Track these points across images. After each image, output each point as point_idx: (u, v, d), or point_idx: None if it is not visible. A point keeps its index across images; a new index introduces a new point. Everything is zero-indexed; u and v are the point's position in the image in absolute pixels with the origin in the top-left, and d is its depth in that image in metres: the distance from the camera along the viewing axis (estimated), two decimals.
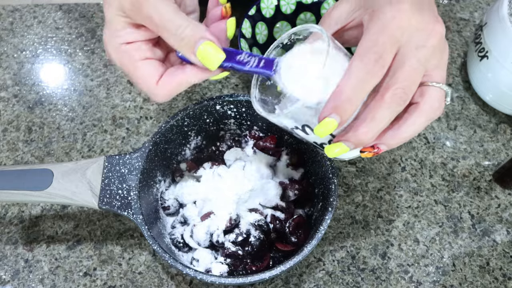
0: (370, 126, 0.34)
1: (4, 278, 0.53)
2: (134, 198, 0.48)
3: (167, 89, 0.37)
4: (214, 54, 0.35)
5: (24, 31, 0.72)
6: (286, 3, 0.65)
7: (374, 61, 0.33)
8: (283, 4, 0.65)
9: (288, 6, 0.66)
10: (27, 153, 0.61)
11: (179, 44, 0.35)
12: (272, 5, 0.64)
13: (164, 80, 0.38)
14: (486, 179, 0.59)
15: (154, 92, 0.38)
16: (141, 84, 0.38)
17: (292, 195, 0.53)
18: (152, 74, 0.37)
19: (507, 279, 0.53)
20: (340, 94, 0.33)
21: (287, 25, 0.68)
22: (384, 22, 0.34)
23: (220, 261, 0.51)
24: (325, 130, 0.34)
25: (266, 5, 0.64)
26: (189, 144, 0.57)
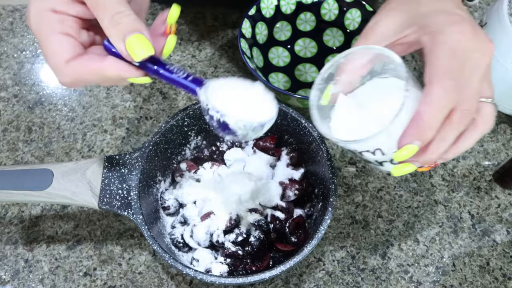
0: (439, 147, 0.35)
1: (4, 278, 0.53)
2: (134, 198, 0.48)
3: (76, 72, 0.34)
4: (143, 47, 0.33)
5: (24, 31, 0.72)
6: (286, 3, 0.65)
7: (453, 87, 0.34)
8: (283, 4, 0.65)
9: (288, 6, 0.66)
10: (27, 153, 0.61)
11: (113, 28, 0.33)
12: (272, 5, 0.64)
13: (76, 62, 0.34)
14: (486, 179, 0.59)
15: (61, 70, 0.35)
16: (50, 57, 0.34)
17: (292, 195, 0.53)
18: (66, 50, 0.34)
19: (507, 279, 0.53)
20: (422, 121, 0.34)
21: (287, 25, 0.67)
22: (452, 46, 0.35)
23: (220, 261, 0.51)
24: (406, 154, 0.35)
25: (266, 5, 0.64)
26: (189, 144, 0.57)
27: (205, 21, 0.72)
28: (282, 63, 0.68)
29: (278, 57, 0.68)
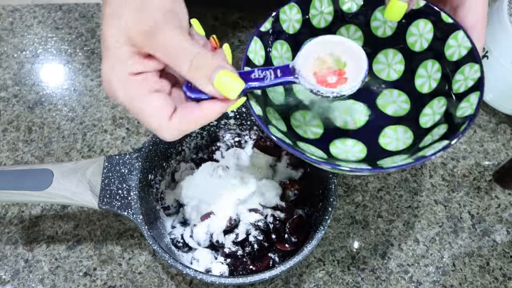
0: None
1: (4, 278, 0.53)
2: (134, 198, 0.48)
3: (182, 125, 0.34)
4: (233, 82, 0.33)
5: (24, 31, 0.72)
6: (319, 13, 0.44)
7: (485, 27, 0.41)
8: (314, 13, 0.44)
9: (322, 16, 0.44)
10: (27, 153, 0.61)
11: (194, 73, 0.33)
12: (297, 16, 0.43)
13: (179, 115, 0.34)
14: (486, 179, 0.59)
15: (168, 127, 0.34)
16: (152, 118, 0.33)
17: (292, 195, 0.53)
18: (165, 107, 0.33)
19: (507, 279, 0.53)
20: None
21: None
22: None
23: (220, 261, 0.51)
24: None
25: (288, 16, 0.43)
26: (189, 144, 0.57)
27: (205, 21, 0.72)
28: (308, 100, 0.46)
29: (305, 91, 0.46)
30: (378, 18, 0.44)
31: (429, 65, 0.43)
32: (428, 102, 0.43)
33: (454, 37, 0.41)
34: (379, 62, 0.46)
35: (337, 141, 0.44)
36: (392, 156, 0.41)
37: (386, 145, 0.43)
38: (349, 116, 0.45)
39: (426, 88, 0.44)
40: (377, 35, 0.45)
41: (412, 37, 0.43)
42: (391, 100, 0.46)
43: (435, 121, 0.42)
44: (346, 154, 0.43)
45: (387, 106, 0.46)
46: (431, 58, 0.43)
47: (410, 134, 0.43)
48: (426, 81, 0.44)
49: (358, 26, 0.45)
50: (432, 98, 0.43)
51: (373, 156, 0.43)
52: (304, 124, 0.45)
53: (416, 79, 0.44)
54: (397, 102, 0.46)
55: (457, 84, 0.40)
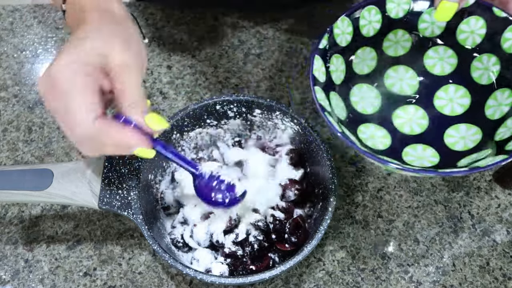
0: None
1: (4, 278, 0.53)
2: (134, 198, 0.48)
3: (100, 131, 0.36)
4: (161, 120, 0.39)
5: (24, 31, 0.72)
6: (368, 22, 0.46)
7: None
8: (363, 24, 0.45)
9: (371, 25, 0.46)
10: (27, 153, 0.61)
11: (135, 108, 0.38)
12: (349, 29, 0.45)
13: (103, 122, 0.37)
14: (486, 179, 0.59)
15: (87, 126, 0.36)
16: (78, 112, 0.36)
17: (292, 195, 0.53)
18: (96, 108, 0.36)
19: (507, 279, 0.53)
20: None
21: (370, 51, 0.48)
22: None
23: (220, 261, 0.51)
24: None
25: (340, 29, 0.45)
26: (189, 144, 0.57)
27: (205, 21, 0.72)
28: (371, 108, 0.48)
29: (363, 100, 0.48)
30: (425, 20, 0.45)
31: (485, 58, 0.44)
32: (490, 93, 0.44)
33: (510, 30, 0.42)
34: (430, 57, 0.47)
35: (408, 148, 0.45)
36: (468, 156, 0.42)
37: (453, 146, 0.44)
38: (414, 121, 0.47)
39: (485, 80, 0.45)
40: (425, 35, 0.46)
41: (463, 34, 0.44)
42: (448, 98, 0.46)
43: (503, 112, 0.42)
44: (420, 161, 0.44)
45: (444, 106, 0.47)
46: (486, 52, 0.44)
47: (476, 130, 0.44)
48: (484, 73, 0.45)
49: (405, 30, 0.46)
50: (494, 90, 0.44)
51: (446, 158, 0.44)
52: (371, 137, 0.46)
53: (472, 71, 0.45)
54: (454, 99, 0.46)
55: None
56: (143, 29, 0.71)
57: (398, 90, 0.48)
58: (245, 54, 0.69)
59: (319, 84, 0.43)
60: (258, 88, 0.66)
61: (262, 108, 0.54)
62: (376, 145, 0.45)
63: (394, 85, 0.48)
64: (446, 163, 0.43)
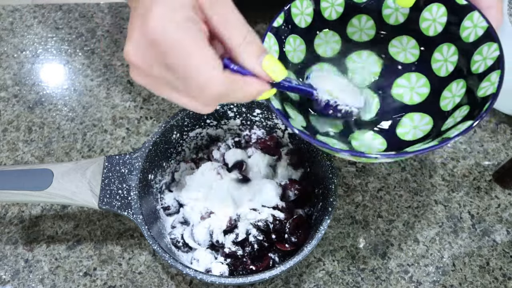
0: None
1: (4, 278, 0.53)
2: (134, 198, 0.48)
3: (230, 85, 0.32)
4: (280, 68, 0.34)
5: (24, 31, 0.72)
6: (330, 5, 0.45)
7: None
8: (325, 6, 0.45)
9: (333, 8, 0.45)
10: (27, 153, 0.61)
11: (245, 48, 0.33)
12: (308, 9, 0.44)
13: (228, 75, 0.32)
14: (486, 179, 0.59)
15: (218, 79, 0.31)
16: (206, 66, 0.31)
17: (292, 195, 0.53)
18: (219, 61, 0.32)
19: (507, 279, 0.53)
20: None
21: (333, 34, 0.47)
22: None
23: (220, 261, 0.51)
24: None
25: (299, 9, 0.44)
26: (189, 144, 0.57)
27: None
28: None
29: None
30: (389, 5, 0.45)
31: (445, 48, 0.44)
32: (447, 85, 0.44)
33: (469, 18, 0.41)
34: (393, 46, 0.47)
35: (358, 133, 0.45)
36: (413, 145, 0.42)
37: (403, 135, 0.44)
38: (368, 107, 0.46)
39: (443, 72, 0.44)
40: (389, 23, 0.46)
41: (426, 22, 0.44)
42: (409, 86, 0.46)
43: (455, 103, 0.42)
44: (368, 147, 0.44)
45: (403, 94, 0.46)
46: (446, 42, 0.43)
47: (428, 120, 0.44)
48: (443, 65, 0.44)
49: (369, 15, 0.45)
50: (451, 81, 0.43)
51: (393, 147, 0.44)
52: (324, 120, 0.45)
53: (433, 63, 0.45)
54: (415, 88, 0.46)
55: (476, 64, 0.41)
56: None
57: (359, 75, 0.47)
58: None
59: None
60: None
61: (262, 108, 0.54)
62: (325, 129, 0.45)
63: (356, 70, 0.47)
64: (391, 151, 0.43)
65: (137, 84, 0.64)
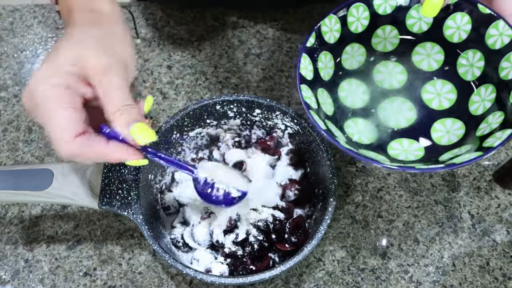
0: None
1: (4, 278, 0.53)
2: (134, 198, 0.48)
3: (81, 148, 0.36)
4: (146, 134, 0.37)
5: (24, 31, 0.72)
6: (356, 19, 0.46)
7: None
8: (351, 20, 0.46)
9: (359, 22, 0.46)
10: (27, 153, 0.61)
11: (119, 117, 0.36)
12: (337, 26, 0.45)
13: (83, 139, 0.36)
14: (486, 179, 0.59)
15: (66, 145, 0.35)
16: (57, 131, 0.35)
17: (292, 195, 0.53)
18: (74, 125, 0.36)
19: (507, 279, 0.53)
20: None
21: (359, 47, 0.48)
22: None
23: (220, 261, 0.51)
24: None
25: (328, 27, 0.45)
26: (189, 144, 0.57)
27: (205, 21, 0.72)
28: (360, 103, 0.48)
29: (352, 95, 0.48)
30: (413, 16, 0.46)
31: (470, 54, 0.45)
32: (475, 89, 0.45)
33: (494, 26, 0.42)
34: (417, 53, 0.48)
35: (393, 143, 0.46)
36: (450, 150, 0.43)
37: (439, 140, 0.45)
38: (401, 114, 0.47)
39: (470, 76, 0.45)
40: (413, 31, 0.47)
41: (450, 30, 0.45)
42: (436, 93, 0.47)
43: (485, 108, 0.43)
44: (405, 154, 0.45)
45: (432, 100, 0.47)
46: (471, 48, 0.44)
47: (460, 125, 0.45)
48: (469, 70, 0.45)
49: (393, 26, 0.47)
50: (479, 86, 0.45)
51: (430, 152, 0.44)
52: (358, 131, 0.47)
53: (458, 68, 0.46)
54: (442, 94, 0.47)
55: (505, 71, 0.42)
56: (143, 29, 0.71)
57: (387, 85, 0.48)
58: (245, 54, 0.69)
59: (306, 82, 0.43)
60: (258, 88, 0.66)
61: (262, 108, 0.54)
62: (362, 139, 0.46)
63: (384, 80, 0.48)
64: (430, 157, 0.44)
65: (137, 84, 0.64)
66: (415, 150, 0.45)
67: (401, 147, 0.45)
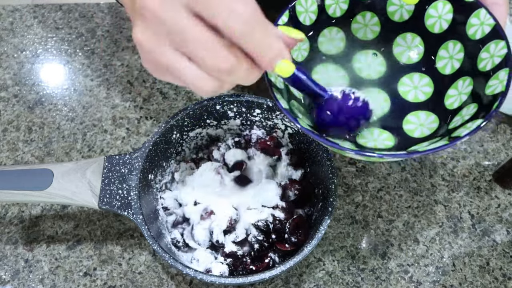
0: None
1: (4, 278, 0.53)
2: (134, 198, 0.48)
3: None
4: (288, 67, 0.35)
5: (24, 31, 0.72)
6: (334, 2, 0.45)
7: None
8: (329, 3, 0.44)
9: (338, 5, 0.45)
10: (27, 153, 0.61)
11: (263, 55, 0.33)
12: (313, 7, 0.44)
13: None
14: (486, 179, 0.59)
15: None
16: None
17: (292, 195, 0.53)
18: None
19: (507, 279, 0.53)
20: None
21: (337, 31, 0.46)
22: None
23: (220, 261, 0.51)
24: None
25: (304, 7, 0.44)
26: (189, 144, 0.57)
27: None
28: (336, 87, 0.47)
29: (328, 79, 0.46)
30: (394, 2, 0.44)
31: (450, 46, 0.44)
32: (452, 83, 0.43)
33: (475, 15, 0.41)
34: (398, 45, 0.46)
35: (364, 131, 0.44)
36: (420, 143, 0.42)
37: (411, 132, 0.44)
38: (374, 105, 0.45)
39: (448, 69, 0.44)
40: (394, 19, 0.45)
41: (431, 19, 0.43)
42: (412, 85, 0.46)
43: (462, 101, 0.42)
44: (374, 143, 0.44)
45: (408, 92, 0.46)
46: (452, 39, 0.43)
47: (434, 118, 0.44)
48: (448, 62, 0.44)
49: (374, 12, 0.45)
50: (456, 79, 0.43)
51: (400, 144, 0.43)
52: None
53: (438, 61, 0.45)
54: (418, 87, 0.46)
55: (483, 62, 0.40)
56: None
57: (365, 75, 0.47)
58: None
59: None
60: (258, 88, 0.66)
61: (262, 108, 0.54)
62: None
63: (361, 69, 0.47)
64: (399, 149, 0.43)
65: (137, 84, 0.64)
66: (384, 140, 0.44)
67: (371, 136, 0.44)
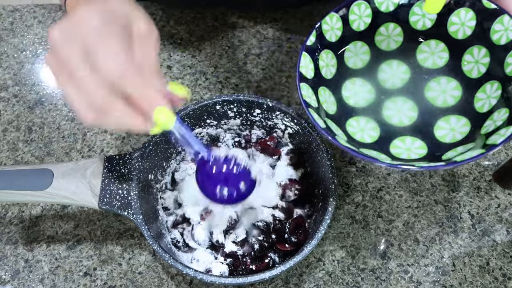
0: None
1: (4, 278, 0.53)
2: (134, 198, 0.48)
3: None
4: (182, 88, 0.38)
5: (24, 31, 0.72)
6: (358, 17, 0.46)
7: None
8: (353, 18, 0.45)
9: (361, 20, 0.46)
10: (27, 153, 0.61)
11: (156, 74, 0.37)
12: (338, 24, 0.45)
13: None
14: (486, 179, 0.59)
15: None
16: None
17: (292, 195, 0.53)
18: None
19: (507, 279, 0.53)
20: None
21: (362, 45, 0.47)
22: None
23: (220, 261, 0.51)
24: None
25: (329, 25, 0.45)
26: None
27: (205, 21, 0.72)
28: (364, 102, 0.47)
29: (356, 94, 0.48)
30: (416, 12, 0.45)
31: (475, 51, 0.44)
32: (480, 86, 0.44)
33: (499, 21, 0.42)
34: (422, 51, 0.47)
35: (396, 140, 0.45)
36: (454, 148, 0.42)
37: (443, 138, 0.44)
38: (403, 113, 0.46)
39: (475, 73, 0.45)
40: (417, 28, 0.46)
41: (454, 26, 0.44)
42: (440, 90, 0.47)
43: (491, 105, 0.43)
44: (408, 152, 0.44)
45: (436, 97, 0.47)
46: (476, 44, 0.44)
47: (465, 121, 0.44)
48: (474, 66, 0.45)
49: (397, 23, 0.46)
50: (484, 82, 0.44)
51: (434, 151, 0.44)
52: (361, 130, 0.46)
53: (463, 65, 0.45)
54: (447, 91, 0.46)
55: (510, 67, 0.41)
56: None
57: (390, 85, 0.48)
58: (245, 54, 0.69)
59: (306, 80, 0.43)
60: (258, 88, 0.66)
61: (262, 108, 0.54)
62: (364, 138, 0.46)
63: (387, 79, 0.48)
64: (433, 156, 0.43)
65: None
66: (417, 148, 0.44)
67: (404, 145, 0.45)
